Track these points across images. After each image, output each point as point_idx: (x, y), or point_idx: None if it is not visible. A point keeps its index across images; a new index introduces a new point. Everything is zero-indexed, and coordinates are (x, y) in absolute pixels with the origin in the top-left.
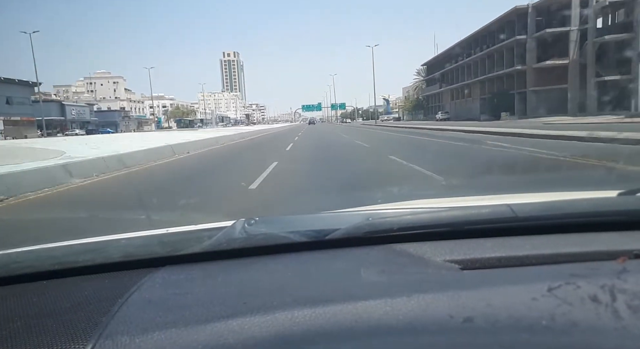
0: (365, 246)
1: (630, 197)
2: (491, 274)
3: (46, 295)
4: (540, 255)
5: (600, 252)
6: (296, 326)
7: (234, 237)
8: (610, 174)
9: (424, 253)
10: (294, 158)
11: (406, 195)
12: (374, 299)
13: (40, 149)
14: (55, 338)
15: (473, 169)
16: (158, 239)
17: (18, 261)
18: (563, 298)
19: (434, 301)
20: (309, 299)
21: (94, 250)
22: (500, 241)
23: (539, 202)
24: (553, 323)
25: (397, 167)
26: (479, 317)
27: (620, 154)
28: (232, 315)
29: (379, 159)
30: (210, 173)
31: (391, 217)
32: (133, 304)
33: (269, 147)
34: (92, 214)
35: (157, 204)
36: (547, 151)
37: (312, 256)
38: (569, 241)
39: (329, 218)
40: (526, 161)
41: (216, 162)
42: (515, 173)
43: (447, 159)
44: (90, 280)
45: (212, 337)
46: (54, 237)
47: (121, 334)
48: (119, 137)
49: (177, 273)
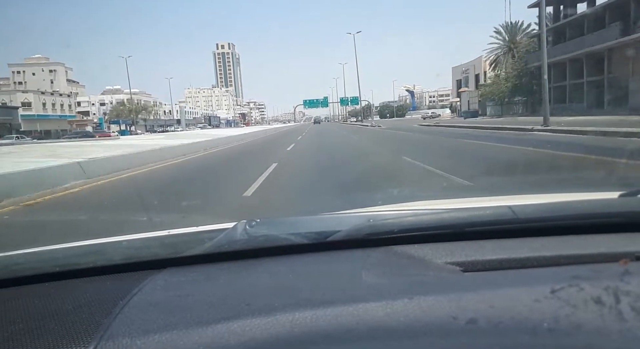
0: (366, 248)
1: (631, 199)
2: (493, 276)
3: (48, 297)
4: (541, 257)
5: (602, 255)
6: (297, 328)
7: (236, 239)
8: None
9: (425, 255)
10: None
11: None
12: (375, 301)
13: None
14: (56, 340)
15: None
16: (159, 241)
17: (19, 262)
18: (566, 300)
19: (435, 303)
20: (310, 301)
21: (96, 252)
22: (501, 242)
23: (539, 204)
24: (557, 325)
25: None
26: (481, 319)
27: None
28: (233, 317)
29: None
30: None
31: (392, 219)
32: (135, 306)
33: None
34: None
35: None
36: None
37: (313, 257)
38: (571, 243)
39: (330, 220)
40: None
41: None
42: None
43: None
44: (91, 282)
45: (214, 339)
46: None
47: (123, 336)
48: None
49: (179, 274)
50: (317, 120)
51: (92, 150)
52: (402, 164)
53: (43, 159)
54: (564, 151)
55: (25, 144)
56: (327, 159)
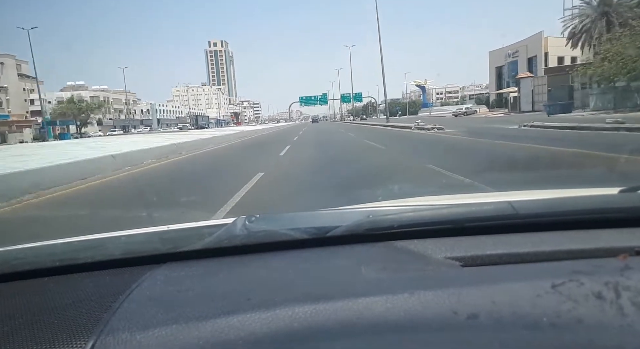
0: (366, 243)
1: (631, 195)
2: (492, 271)
3: (47, 292)
4: (541, 252)
5: (602, 250)
6: (297, 323)
7: (235, 234)
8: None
9: (425, 250)
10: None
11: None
12: (374, 296)
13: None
14: (56, 335)
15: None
16: (159, 236)
17: (19, 257)
18: (567, 294)
19: (435, 298)
20: (310, 296)
21: (95, 247)
22: (501, 238)
23: (539, 199)
24: (558, 319)
25: None
26: (482, 314)
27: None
28: (233, 312)
29: None
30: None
31: (392, 215)
32: (134, 300)
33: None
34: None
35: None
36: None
37: (313, 253)
38: (570, 238)
39: (329, 215)
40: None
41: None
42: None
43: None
44: (91, 277)
45: (213, 333)
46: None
47: (122, 331)
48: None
49: (178, 269)
50: (315, 119)
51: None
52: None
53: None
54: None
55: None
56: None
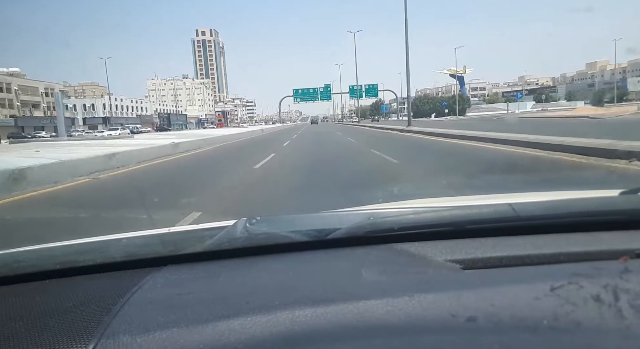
0: (367, 246)
1: (631, 197)
2: (493, 274)
3: (48, 294)
4: (541, 255)
5: (602, 252)
6: (297, 326)
7: (236, 236)
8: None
9: (425, 253)
10: None
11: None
12: (375, 298)
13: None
14: (57, 337)
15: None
16: (159, 239)
17: (19, 260)
18: (566, 297)
19: (436, 301)
20: (310, 298)
21: (96, 250)
22: (501, 240)
23: (540, 202)
24: (556, 322)
25: None
26: (481, 317)
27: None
28: (233, 315)
29: None
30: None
31: (392, 217)
32: (135, 303)
33: None
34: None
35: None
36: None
37: (314, 255)
38: (571, 241)
39: (330, 218)
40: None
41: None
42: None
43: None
44: (91, 279)
45: (214, 337)
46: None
47: (123, 334)
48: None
49: (179, 272)
50: (314, 120)
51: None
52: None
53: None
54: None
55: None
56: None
